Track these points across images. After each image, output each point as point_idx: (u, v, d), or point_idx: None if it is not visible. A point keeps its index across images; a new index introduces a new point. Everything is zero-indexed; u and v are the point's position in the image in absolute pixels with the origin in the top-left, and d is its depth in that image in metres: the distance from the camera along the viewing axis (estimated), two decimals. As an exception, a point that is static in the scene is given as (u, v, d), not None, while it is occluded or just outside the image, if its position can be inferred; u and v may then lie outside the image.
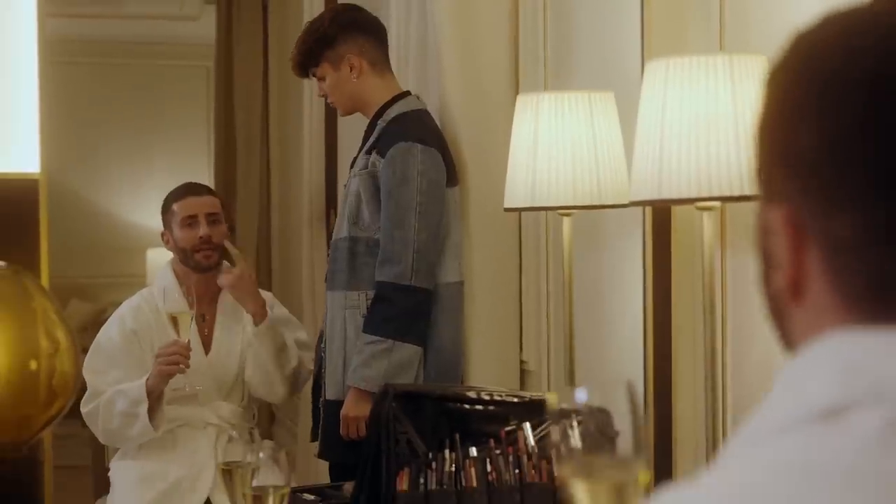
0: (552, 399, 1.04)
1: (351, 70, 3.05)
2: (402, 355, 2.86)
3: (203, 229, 3.20)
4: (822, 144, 0.68)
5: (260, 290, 3.37)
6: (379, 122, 3.04)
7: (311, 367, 3.31)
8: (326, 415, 3.00)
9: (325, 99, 3.21)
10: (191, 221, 3.21)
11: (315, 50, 3.07)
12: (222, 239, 3.25)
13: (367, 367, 2.86)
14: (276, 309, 3.35)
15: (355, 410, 2.88)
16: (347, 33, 3.06)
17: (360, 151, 3.09)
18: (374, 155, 2.97)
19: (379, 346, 2.86)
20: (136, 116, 8.09)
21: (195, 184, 3.39)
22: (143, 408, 3.03)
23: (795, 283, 0.71)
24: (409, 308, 2.89)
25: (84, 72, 7.80)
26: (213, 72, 6.87)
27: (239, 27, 6.42)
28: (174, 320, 3.04)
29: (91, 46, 7.89)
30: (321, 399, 3.07)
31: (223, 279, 3.19)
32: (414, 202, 2.88)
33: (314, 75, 3.13)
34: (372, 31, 3.11)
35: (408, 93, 3.11)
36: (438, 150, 2.96)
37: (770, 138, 0.73)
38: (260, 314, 3.18)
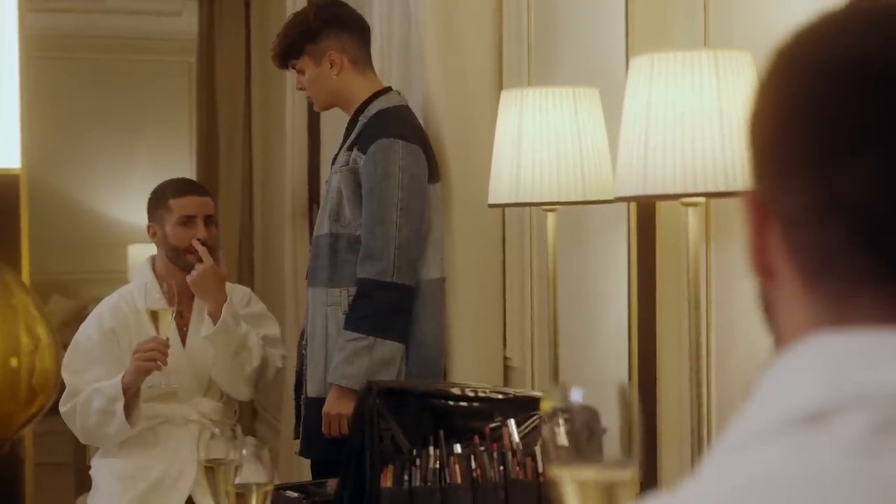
0: (545, 401, 1.04)
1: (331, 66, 3.04)
2: (383, 352, 2.85)
3: (201, 231, 3.19)
4: (780, 124, 0.71)
5: (237, 285, 3.37)
6: (360, 118, 3.02)
7: (279, 363, 3.30)
8: (307, 412, 2.99)
9: (304, 92, 3.20)
10: (188, 221, 3.19)
11: (297, 43, 3.06)
12: (214, 241, 3.24)
13: (348, 365, 2.85)
14: (253, 304, 3.34)
15: (337, 408, 2.86)
16: (330, 29, 3.04)
17: (341, 148, 3.08)
18: (355, 151, 2.96)
19: (360, 343, 2.85)
20: (118, 112, 8.04)
21: (194, 182, 3.40)
22: (119, 405, 3.01)
23: (763, 261, 0.73)
24: (391, 305, 2.87)
25: (65, 67, 7.76)
26: (195, 67, 6.84)
27: (221, 22, 6.40)
28: (154, 316, 3.02)
29: (72, 41, 7.84)
30: (302, 396, 3.05)
31: (189, 275, 3.17)
32: (396, 198, 2.87)
33: (294, 67, 3.12)
34: (355, 29, 3.10)
35: (389, 89, 3.10)
36: (420, 147, 2.94)
37: (749, 129, 0.75)
38: (216, 315, 3.16)
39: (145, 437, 3.17)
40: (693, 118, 1.91)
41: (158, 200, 3.26)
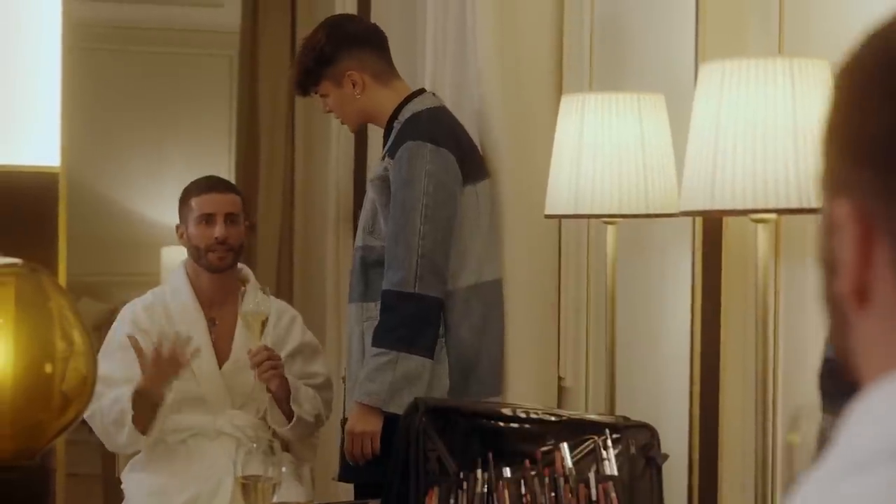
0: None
1: (354, 86, 3.06)
2: (408, 367, 2.81)
3: (219, 230, 3.19)
4: (886, 132, 0.68)
5: (283, 304, 3.36)
6: (395, 123, 3.03)
7: (327, 412, 3.28)
8: (344, 434, 2.99)
9: (333, 114, 3.23)
10: (207, 219, 3.21)
11: (314, 70, 3.08)
12: (239, 241, 3.24)
13: (371, 382, 2.83)
14: (304, 334, 3.31)
15: (361, 426, 2.85)
16: (344, 48, 3.06)
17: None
18: (387, 159, 2.97)
19: (383, 359, 2.82)
20: (155, 105, 8.10)
21: (218, 179, 3.38)
22: (129, 416, 3.03)
23: (861, 283, 0.70)
24: (415, 316, 2.84)
25: (103, 59, 7.83)
26: (237, 61, 6.89)
27: (265, 15, 6.43)
28: (261, 323, 3.08)
29: (111, 32, 7.92)
30: (342, 417, 3.06)
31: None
32: (419, 204, 2.85)
33: (317, 93, 3.15)
34: (370, 42, 3.10)
35: (422, 91, 3.10)
36: (452, 150, 2.92)
37: (836, 131, 0.72)
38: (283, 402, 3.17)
39: (176, 450, 3.17)
40: (766, 129, 1.92)
41: (183, 199, 3.29)
